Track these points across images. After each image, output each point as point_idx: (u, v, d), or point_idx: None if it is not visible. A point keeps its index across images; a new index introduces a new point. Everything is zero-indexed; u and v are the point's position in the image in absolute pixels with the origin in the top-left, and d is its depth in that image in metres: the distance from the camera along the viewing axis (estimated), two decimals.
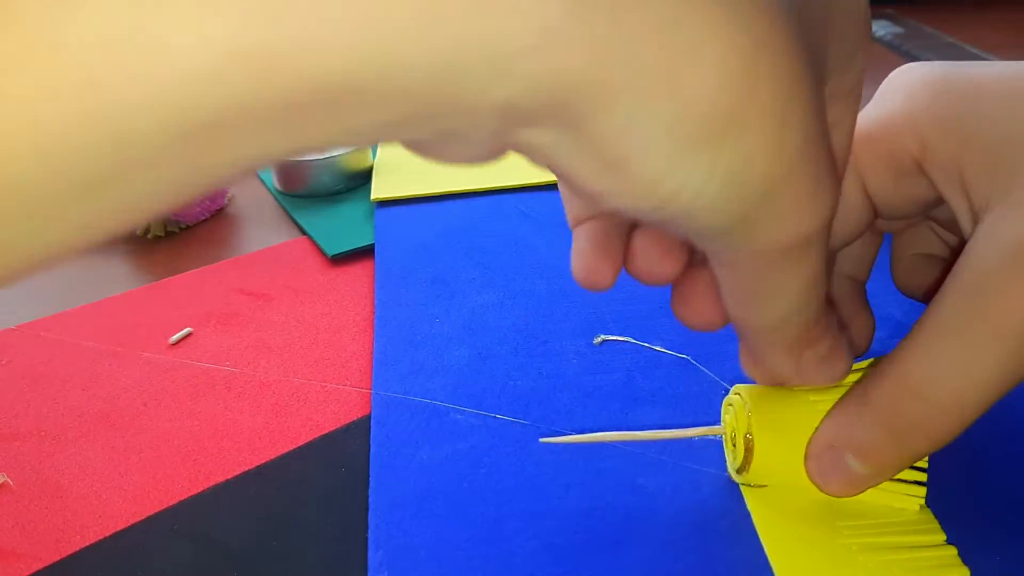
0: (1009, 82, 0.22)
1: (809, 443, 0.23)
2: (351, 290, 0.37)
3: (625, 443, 0.27)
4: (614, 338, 0.32)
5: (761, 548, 0.23)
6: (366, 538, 0.25)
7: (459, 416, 0.29)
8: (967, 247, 0.21)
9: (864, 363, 0.24)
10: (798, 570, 0.22)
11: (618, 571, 0.23)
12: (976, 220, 0.22)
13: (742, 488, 0.25)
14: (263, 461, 0.28)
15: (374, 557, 0.24)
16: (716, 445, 0.27)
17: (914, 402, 0.21)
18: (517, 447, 0.27)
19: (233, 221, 0.45)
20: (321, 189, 0.45)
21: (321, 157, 0.45)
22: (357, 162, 0.46)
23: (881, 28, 0.71)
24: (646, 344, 0.31)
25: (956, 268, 0.21)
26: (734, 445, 0.25)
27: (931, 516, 0.24)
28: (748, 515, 0.24)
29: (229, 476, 0.28)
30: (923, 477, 0.23)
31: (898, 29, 0.70)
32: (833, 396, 0.23)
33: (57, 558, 0.25)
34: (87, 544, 0.25)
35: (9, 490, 0.28)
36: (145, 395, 0.31)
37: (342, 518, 0.26)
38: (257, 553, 0.25)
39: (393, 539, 0.24)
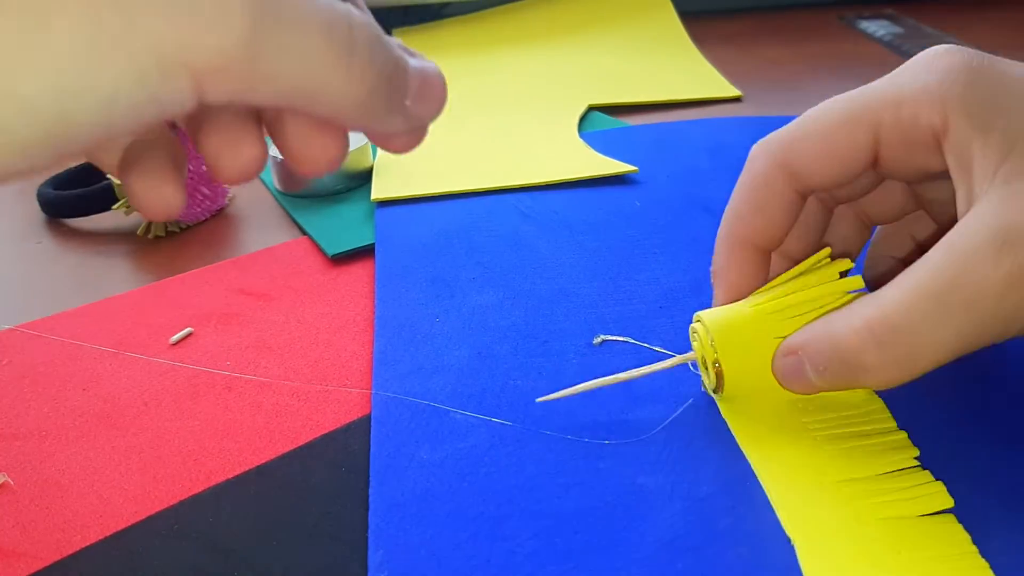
0: None
1: (779, 347, 0.27)
2: (351, 290, 0.37)
3: (625, 437, 0.27)
4: (614, 338, 0.32)
5: (762, 547, 0.23)
6: (366, 538, 0.25)
7: (459, 416, 0.29)
8: (960, 222, 0.23)
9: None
10: (775, 463, 0.26)
11: (618, 571, 0.23)
12: (972, 203, 0.24)
13: (716, 400, 0.28)
14: (263, 461, 0.28)
15: (374, 557, 0.24)
16: (718, 444, 0.27)
17: (873, 350, 0.23)
18: (517, 447, 0.27)
19: (233, 221, 0.45)
20: (321, 189, 0.45)
21: None
22: (357, 162, 0.46)
23: (881, 28, 0.71)
24: (646, 344, 0.31)
25: (945, 239, 0.23)
26: (706, 368, 0.28)
27: (883, 406, 0.28)
28: (748, 514, 0.24)
29: (230, 476, 0.28)
30: None
31: (898, 29, 0.70)
32: (789, 311, 0.27)
33: (57, 558, 0.25)
34: (88, 544, 0.26)
35: (10, 490, 0.28)
36: (145, 395, 0.31)
37: (342, 518, 0.26)
38: (257, 553, 0.25)
39: (393, 539, 0.24)
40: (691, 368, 0.29)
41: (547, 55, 0.66)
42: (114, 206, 0.42)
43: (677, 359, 0.28)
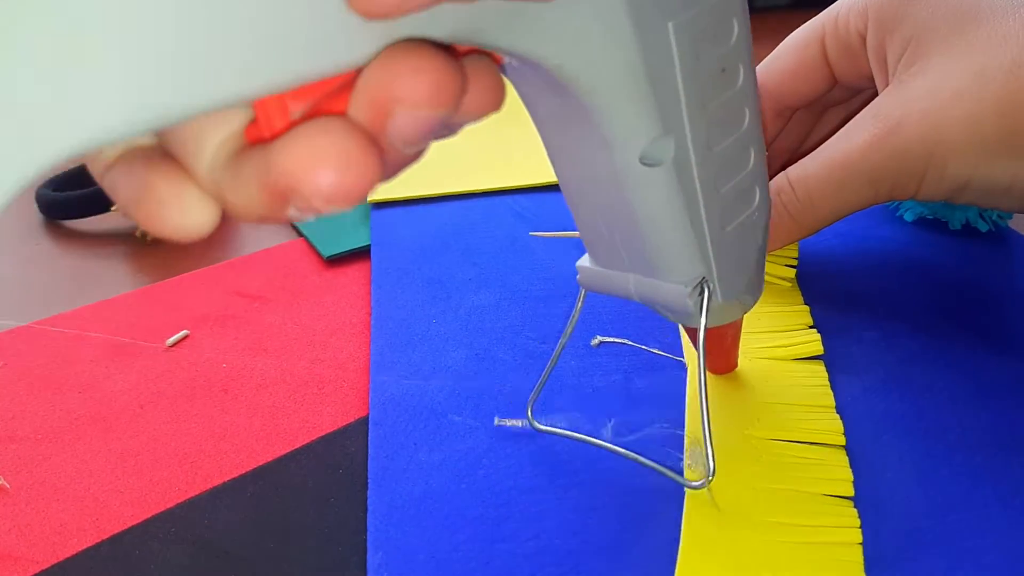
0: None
1: None
2: (347, 292, 0.37)
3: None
4: (611, 340, 0.32)
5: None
6: (364, 540, 0.25)
7: (457, 417, 0.29)
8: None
9: None
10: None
11: (616, 572, 0.23)
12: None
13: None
14: (260, 463, 0.28)
15: (373, 559, 0.24)
16: None
17: (791, 193, 0.29)
18: (516, 448, 0.27)
19: (229, 223, 0.45)
20: None
21: None
22: None
23: None
24: (643, 346, 0.31)
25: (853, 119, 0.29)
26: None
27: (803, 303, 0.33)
28: None
29: (227, 479, 0.28)
30: (794, 262, 0.34)
31: None
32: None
33: (54, 561, 0.25)
34: (84, 547, 0.25)
35: (6, 493, 0.28)
36: (142, 397, 0.31)
37: (340, 520, 0.26)
38: (255, 556, 0.25)
39: (392, 541, 0.24)
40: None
41: None
42: (112, 208, 0.42)
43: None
